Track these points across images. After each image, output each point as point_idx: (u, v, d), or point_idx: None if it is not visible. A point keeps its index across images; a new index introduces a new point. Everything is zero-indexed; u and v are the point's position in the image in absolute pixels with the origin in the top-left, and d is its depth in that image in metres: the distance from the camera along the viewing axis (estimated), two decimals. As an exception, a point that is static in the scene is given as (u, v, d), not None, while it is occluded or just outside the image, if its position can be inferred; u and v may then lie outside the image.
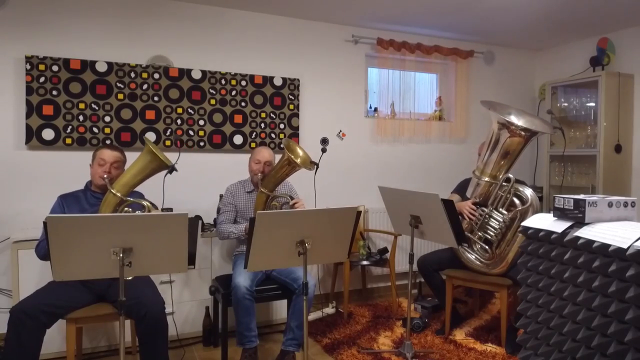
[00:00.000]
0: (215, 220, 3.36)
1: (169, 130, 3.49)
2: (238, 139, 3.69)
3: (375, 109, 4.25)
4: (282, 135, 3.82)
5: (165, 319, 2.39)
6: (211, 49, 3.64)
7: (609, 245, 1.71)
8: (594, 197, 1.93)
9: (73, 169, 3.20)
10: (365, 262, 3.64)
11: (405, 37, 4.19)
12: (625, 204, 1.95)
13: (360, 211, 3.66)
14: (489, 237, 3.02)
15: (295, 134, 3.87)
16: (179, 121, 3.51)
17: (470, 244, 3.14)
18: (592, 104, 4.18)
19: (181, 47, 3.55)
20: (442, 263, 3.30)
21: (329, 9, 3.65)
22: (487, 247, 3.05)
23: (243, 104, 3.70)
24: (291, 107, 3.84)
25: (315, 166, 2.87)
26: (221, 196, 3.14)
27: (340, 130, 4.09)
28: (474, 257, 3.12)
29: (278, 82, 3.79)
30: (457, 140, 4.47)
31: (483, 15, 3.75)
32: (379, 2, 3.49)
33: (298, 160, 2.75)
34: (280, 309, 3.45)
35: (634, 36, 4.01)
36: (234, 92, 3.66)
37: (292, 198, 2.94)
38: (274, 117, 3.79)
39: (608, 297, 1.71)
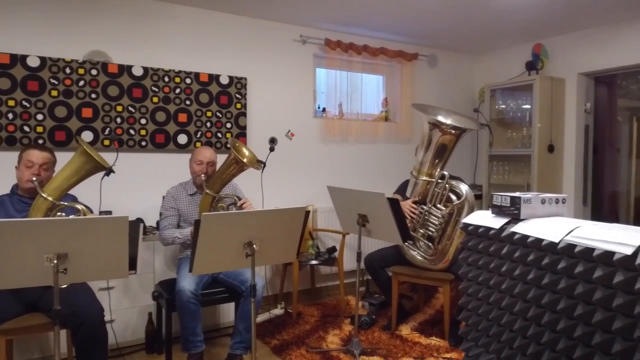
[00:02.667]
0: (158, 223, 3.24)
1: (108, 129, 3.33)
2: (182, 139, 3.59)
3: (324, 109, 4.28)
4: (229, 135, 3.75)
5: (104, 328, 2.28)
6: (154, 45, 3.51)
7: (542, 240, 1.80)
8: (528, 195, 2.04)
9: (1, 170, 2.98)
10: (314, 262, 3.65)
11: (353, 38, 4.24)
12: (557, 201, 2.07)
13: (309, 211, 3.65)
14: (431, 233, 3.12)
15: (242, 134, 3.81)
16: (118, 120, 3.36)
17: (414, 241, 3.23)
18: (528, 106, 4.42)
19: (121, 42, 3.39)
20: (388, 260, 3.37)
21: (276, 8, 3.63)
22: (429, 243, 3.15)
23: (188, 102, 3.59)
24: (238, 106, 3.78)
25: (263, 165, 2.84)
26: (164, 198, 3.03)
27: (289, 130, 4.07)
28: (417, 253, 3.21)
29: (225, 80, 3.72)
30: (403, 140, 4.58)
31: (426, 19, 3.86)
32: (326, 3, 3.51)
33: (245, 160, 2.71)
34: (227, 312, 3.38)
35: (564, 43, 4.28)
36: (178, 90, 3.55)
37: (239, 199, 2.89)
38: (221, 116, 3.71)
39: (542, 289, 1.80)
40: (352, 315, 3.53)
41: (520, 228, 1.94)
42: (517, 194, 2.05)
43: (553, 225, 1.83)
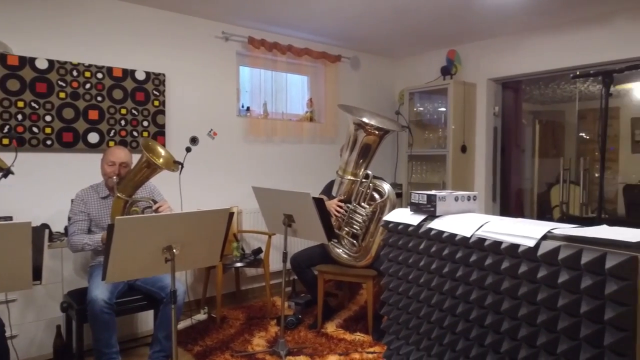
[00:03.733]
0: (66, 228, 2.99)
1: (7, 126, 3.02)
2: (93, 137, 3.35)
3: (248, 108, 4.21)
4: (145, 134, 3.56)
5: (4, 344, 2.06)
6: (61, 36, 3.23)
7: (456, 235, 1.90)
8: (443, 193, 2.14)
9: None
10: (239, 264, 3.58)
11: (277, 37, 4.22)
12: (469, 198, 2.20)
13: (233, 212, 3.57)
14: (355, 231, 3.20)
15: (161, 133, 3.63)
16: (19, 117, 3.06)
17: (340, 239, 3.28)
18: (443, 109, 4.67)
19: (23, 32, 3.09)
20: (314, 259, 3.40)
21: (197, 3, 3.51)
22: (354, 241, 3.22)
23: (99, 98, 3.36)
24: (156, 103, 3.60)
25: (180, 166, 2.72)
26: (73, 201, 2.81)
27: (212, 129, 3.95)
28: (342, 251, 3.27)
29: (141, 76, 3.52)
30: (328, 140, 4.64)
31: (349, 23, 3.94)
32: (248, 0, 3.45)
33: (160, 161, 2.58)
34: (146, 320, 3.21)
35: (476, 50, 4.57)
36: (88, 85, 3.31)
37: (154, 202, 2.74)
38: (137, 113, 3.52)
39: (456, 282, 1.90)
40: (278, 316, 3.50)
41: (436, 224, 2.03)
42: (432, 192, 2.15)
43: (465, 221, 1.93)
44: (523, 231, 1.65)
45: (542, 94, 7.06)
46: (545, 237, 1.57)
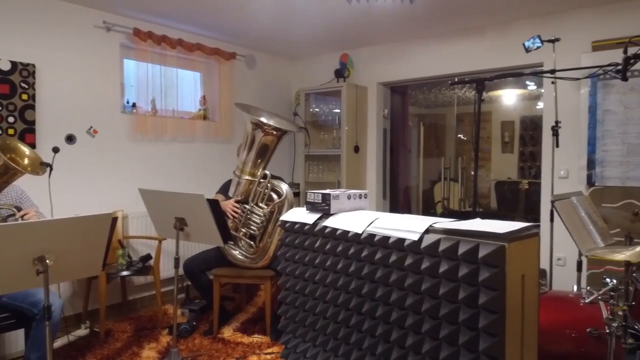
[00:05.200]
0: None
1: None
2: (-55, 134, 2.88)
3: (134, 105, 3.93)
4: (11, 131, 3.14)
5: None
6: None
7: (349, 232, 1.96)
8: (337, 191, 2.20)
9: None
10: (125, 273, 3.32)
11: (166, 31, 4.00)
12: (360, 196, 2.28)
13: (117, 217, 3.32)
14: (253, 232, 3.15)
15: (30, 130, 3.23)
16: None
17: (236, 241, 3.21)
18: (338, 111, 4.80)
19: None
20: (209, 263, 3.29)
21: (72, -14, 3.18)
22: (251, 242, 3.17)
23: (-49, 89, 2.89)
24: (24, 97, 3.20)
25: (49, 169, 2.43)
26: None
27: (91, 127, 3.62)
28: (239, 253, 3.20)
29: (5, 66, 3.11)
30: (223, 139, 4.52)
31: (243, 20, 3.87)
32: (133, -12, 3.23)
33: (25, 162, 2.28)
34: (15, 340, 2.84)
35: (367, 54, 4.77)
36: (-64, 73, 2.83)
37: (18, 209, 2.42)
38: (1, 108, 3.10)
39: (349, 277, 1.96)
40: (170, 325, 3.32)
41: (330, 222, 2.08)
42: (327, 191, 2.19)
43: (357, 218, 2.00)
44: (408, 226, 1.74)
45: (426, 98, 7.64)
46: (427, 231, 1.68)
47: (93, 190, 3.61)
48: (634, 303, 2.00)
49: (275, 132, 3.16)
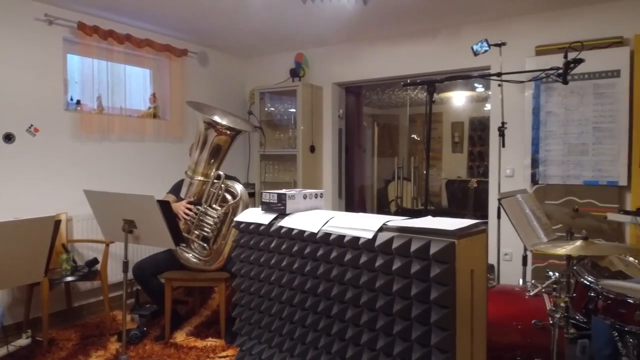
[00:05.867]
0: None
1: None
2: None
3: (78, 102, 3.74)
4: (-59, 128, 2.92)
5: None
6: None
7: (305, 231, 1.95)
8: (292, 191, 2.19)
9: None
10: (70, 278, 3.16)
11: (113, 25, 3.83)
12: (316, 195, 2.28)
13: (60, 220, 3.16)
14: (206, 234, 3.08)
15: (-37, 127, 3.02)
16: None
17: (189, 243, 3.13)
18: (293, 110, 4.79)
19: None
20: (160, 266, 3.19)
21: (9, -25, 2.99)
22: (204, 244, 3.10)
23: None
24: (-45, 92, 2.98)
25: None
26: None
27: (32, 125, 3.42)
28: (192, 255, 3.12)
29: None
30: (174, 139, 4.39)
31: (195, 16, 3.78)
32: (77, -20, 3.07)
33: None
34: (-55, 355, 2.63)
35: (322, 54, 4.78)
36: None
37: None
38: None
39: (305, 276, 1.95)
40: (119, 331, 3.19)
41: (286, 222, 2.06)
42: (282, 191, 2.18)
43: (313, 217, 2.00)
44: (362, 225, 1.76)
45: (379, 99, 7.77)
46: (381, 229, 1.70)
47: (34, 192, 3.41)
48: (575, 295, 2.11)
49: (229, 132, 3.10)
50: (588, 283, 2.11)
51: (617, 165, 3.29)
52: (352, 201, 5.47)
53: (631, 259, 2.84)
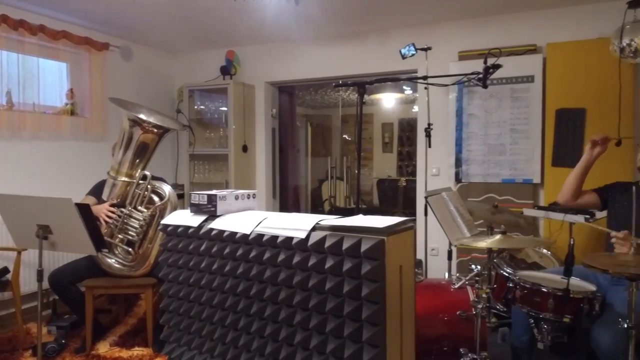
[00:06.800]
0: None
1: None
2: None
3: (-16, 97, 3.40)
4: None
5: None
6: None
7: (236, 233, 1.91)
8: (224, 192, 2.13)
9: None
10: (-25, 290, 2.87)
11: (25, 15, 3.52)
12: (249, 196, 2.24)
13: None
14: (131, 238, 2.93)
15: None
16: None
17: (111, 248, 2.95)
18: (224, 109, 4.68)
19: None
20: (80, 274, 2.98)
21: None
22: (129, 248, 2.94)
23: None
24: None
25: None
26: None
27: None
28: (115, 261, 2.95)
29: None
30: (95, 137, 4.12)
31: (117, 8, 3.57)
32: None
33: None
34: None
35: (254, 53, 4.71)
36: None
37: None
38: None
39: (237, 279, 1.91)
40: (34, 345, 2.94)
41: (217, 224, 2.01)
42: (213, 191, 2.12)
43: (245, 218, 1.97)
44: (296, 225, 1.75)
45: (312, 99, 7.82)
46: (314, 229, 1.70)
47: None
48: (495, 286, 2.24)
49: (155, 130, 2.96)
50: (507, 274, 2.26)
51: (532, 164, 3.55)
52: (286, 201, 5.45)
53: (545, 250, 3.08)
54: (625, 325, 1.68)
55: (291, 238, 1.73)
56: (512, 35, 3.63)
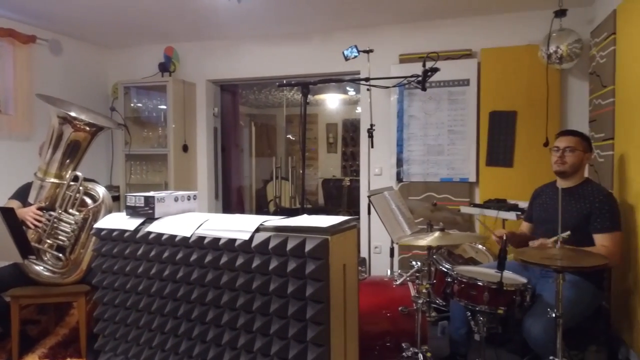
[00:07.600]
0: None
1: None
2: None
3: None
4: None
5: None
6: None
7: (176, 236, 1.84)
8: (162, 194, 2.05)
9: None
10: None
11: (-64, 0, 3.22)
12: (189, 198, 2.17)
13: None
14: (61, 243, 2.74)
15: None
16: None
17: (39, 254, 2.75)
18: (163, 107, 4.51)
19: None
20: (4, 283, 2.76)
21: None
22: (59, 254, 2.76)
23: None
24: None
25: None
26: None
27: None
28: (44, 268, 2.75)
29: None
30: (19, 136, 3.83)
31: (45, -2, 3.34)
32: None
33: None
34: None
35: (194, 49, 4.58)
36: None
37: None
38: None
39: (177, 283, 1.84)
40: (-50, 364, 2.69)
41: (155, 227, 1.93)
42: (151, 193, 2.03)
43: (185, 221, 1.90)
44: (239, 226, 1.72)
45: (256, 98, 7.74)
46: (258, 230, 1.68)
47: None
48: (435, 281, 2.32)
49: (87, 128, 2.80)
50: (445, 270, 2.34)
51: (468, 164, 3.72)
52: (230, 202, 5.35)
53: (480, 246, 3.23)
54: (554, 315, 1.79)
55: (234, 240, 1.69)
56: (449, 40, 3.77)
